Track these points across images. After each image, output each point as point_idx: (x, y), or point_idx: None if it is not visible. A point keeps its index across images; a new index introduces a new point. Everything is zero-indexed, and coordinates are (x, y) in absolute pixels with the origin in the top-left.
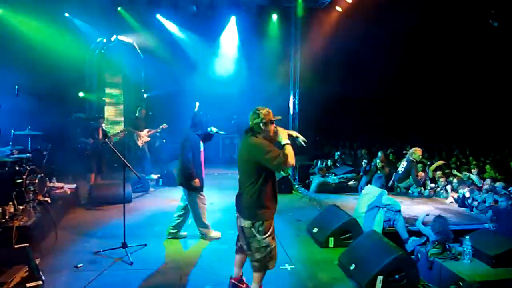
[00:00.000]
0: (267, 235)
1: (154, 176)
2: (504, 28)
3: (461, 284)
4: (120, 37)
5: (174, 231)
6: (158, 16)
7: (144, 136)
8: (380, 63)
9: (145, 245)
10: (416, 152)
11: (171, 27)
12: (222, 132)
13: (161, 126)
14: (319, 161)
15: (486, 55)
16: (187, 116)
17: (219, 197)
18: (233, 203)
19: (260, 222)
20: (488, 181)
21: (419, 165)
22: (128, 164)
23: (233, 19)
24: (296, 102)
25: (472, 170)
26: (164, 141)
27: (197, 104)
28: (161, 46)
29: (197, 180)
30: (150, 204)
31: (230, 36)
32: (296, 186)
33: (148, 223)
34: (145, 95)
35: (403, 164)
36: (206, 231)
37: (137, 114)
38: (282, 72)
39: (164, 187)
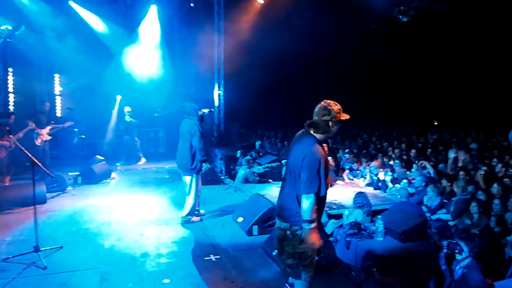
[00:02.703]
0: None
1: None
2: None
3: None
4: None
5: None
6: (71, 3)
7: (44, 134)
8: (307, 51)
9: (61, 247)
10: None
11: (86, 14)
12: (213, 110)
13: (66, 123)
14: (240, 151)
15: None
16: (108, 109)
17: (142, 193)
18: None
19: None
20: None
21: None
22: (38, 162)
23: (153, 8)
24: (221, 94)
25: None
26: (83, 136)
27: (119, 97)
28: (75, 35)
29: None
30: (68, 204)
31: (150, 26)
32: (222, 177)
33: (64, 224)
34: (60, 89)
35: None
36: (192, 216)
37: (40, 108)
38: (206, 63)
39: (84, 185)
